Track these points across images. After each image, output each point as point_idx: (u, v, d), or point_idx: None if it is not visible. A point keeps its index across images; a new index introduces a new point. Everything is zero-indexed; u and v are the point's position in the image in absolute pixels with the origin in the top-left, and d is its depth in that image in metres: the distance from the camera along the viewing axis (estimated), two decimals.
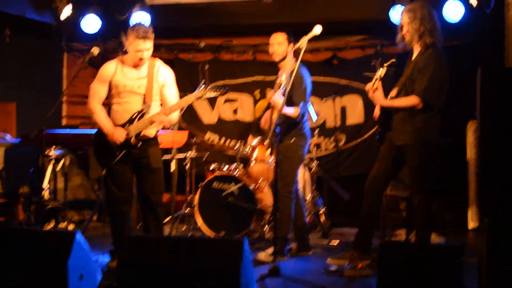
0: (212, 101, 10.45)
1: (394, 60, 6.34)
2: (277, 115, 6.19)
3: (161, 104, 6.44)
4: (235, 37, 10.62)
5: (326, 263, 6.61)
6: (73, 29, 9.96)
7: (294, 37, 7.18)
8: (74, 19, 9.69)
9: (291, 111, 6.84)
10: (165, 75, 6.44)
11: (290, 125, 6.93)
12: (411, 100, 6.17)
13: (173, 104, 6.31)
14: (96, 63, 10.24)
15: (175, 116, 6.48)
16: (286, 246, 7.14)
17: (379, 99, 6.29)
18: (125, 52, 6.41)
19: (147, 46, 6.24)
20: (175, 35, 10.58)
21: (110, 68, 6.37)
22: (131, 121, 6.25)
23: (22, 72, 10.07)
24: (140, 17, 9.29)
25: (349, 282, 5.96)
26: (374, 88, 6.26)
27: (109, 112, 6.40)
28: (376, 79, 6.27)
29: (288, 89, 6.50)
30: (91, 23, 9.65)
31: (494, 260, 4.41)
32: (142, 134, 6.25)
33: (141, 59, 6.25)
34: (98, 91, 6.37)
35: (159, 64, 6.46)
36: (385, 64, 6.28)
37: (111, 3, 9.78)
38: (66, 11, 9.49)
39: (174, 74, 6.55)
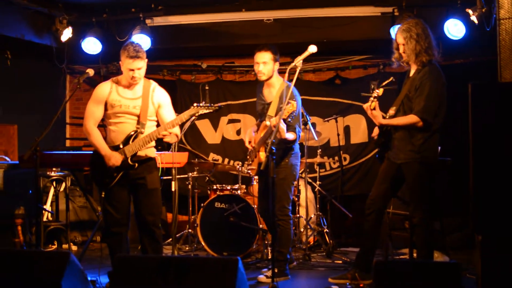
0: (215, 122, 10.48)
1: (391, 79, 6.30)
2: (274, 135, 6.11)
3: (157, 125, 6.39)
4: (237, 58, 10.68)
5: (327, 283, 6.52)
6: (74, 51, 9.99)
7: (279, 55, 7.13)
8: (75, 42, 9.72)
9: (291, 136, 6.79)
10: (160, 96, 6.38)
11: (280, 148, 6.86)
12: (410, 119, 6.11)
13: (166, 123, 6.25)
14: (97, 84, 10.32)
15: (177, 130, 6.41)
16: (287, 266, 7.05)
17: (378, 118, 6.24)
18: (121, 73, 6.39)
19: (139, 65, 6.19)
20: (177, 57, 10.62)
21: (105, 88, 6.33)
22: (126, 141, 6.21)
23: (24, 94, 10.09)
24: (140, 39, 9.29)
25: None
26: (372, 107, 6.21)
27: (103, 133, 6.35)
28: (372, 100, 6.21)
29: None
30: (91, 46, 9.67)
31: (488, 274, 4.35)
32: (138, 154, 6.20)
33: (133, 78, 6.21)
34: (93, 112, 6.33)
35: (154, 85, 6.42)
36: (382, 85, 6.26)
37: (112, 26, 9.82)
38: (67, 34, 9.51)
39: (169, 96, 6.49)
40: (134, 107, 6.24)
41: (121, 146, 6.20)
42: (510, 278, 4.41)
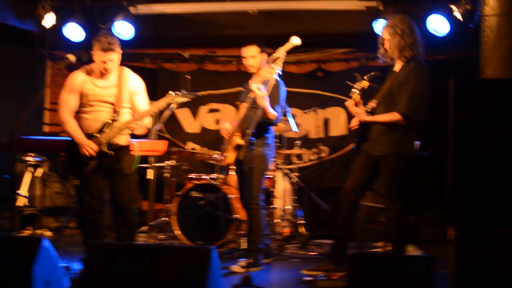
0: (194, 111, 10.45)
1: (376, 72, 6.31)
2: (252, 124, 6.11)
3: (132, 112, 6.37)
4: (219, 48, 10.64)
5: (301, 274, 6.52)
6: (56, 37, 9.90)
7: (265, 46, 7.25)
8: (57, 28, 9.63)
9: (272, 111, 6.80)
10: (134, 83, 6.39)
11: (257, 135, 6.84)
12: (393, 116, 6.10)
13: (143, 110, 6.26)
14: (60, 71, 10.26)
15: (148, 122, 6.43)
16: (260, 256, 7.05)
17: (360, 115, 6.25)
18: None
19: (111, 57, 6.16)
20: (159, 45, 10.57)
21: (78, 77, 6.30)
22: (101, 130, 6.18)
23: (4, 80, 10.00)
24: (123, 27, 9.24)
25: None
26: (355, 100, 6.22)
27: (78, 120, 6.32)
28: (356, 92, 6.22)
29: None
30: (73, 32, 9.59)
31: (461, 269, 4.38)
32: (113, 142, 6.18)
33: (105, 69, 6.19)
34: (68, 101, 6.29)
35: (128, 71, 6.41)
36: (365, 77, 6.25)
37: (95, 12, 9.72)
38: (49, 20, 9.42)
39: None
40: (108, 95, 6.23)
41: (96, 134, 6.17)
42: (484, 274, 4.43)
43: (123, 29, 9.29)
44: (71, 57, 6.58)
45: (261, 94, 6.57)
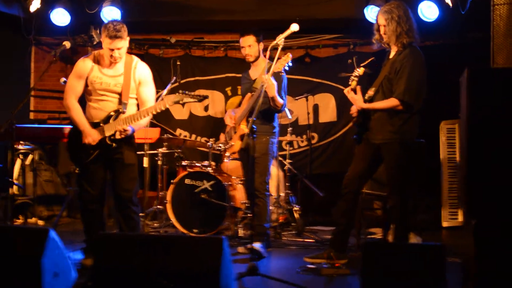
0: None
1: (372, 58, 6.30)
2: (256, 113, 6.10)
3: (137, 103, 6.29)
4: (206, 34, 10.59)
5: (302, 261, 6.52)
6: (42, 22, 9.80)
7: (263, 35, 7.29)
8: (43, 12, 9.52)
9: (280, 99, 6.93)
10: (142, 73, 6.26)
11: (264, 123, 6.96)
12: (391, 102, 6.12)
13: (150, 107, 6.14)
14: (65, 57, 10.16)
15: (146, 121, 6.36)
16: (268, 240, 7.21)
17: (358, 102, 6.25)
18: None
19: (118, 45, 6.03)
20: (146, 31, 10.48)
21: (86, 64, 6.18)
22: (106, 120, 6.10)
23: None
24: (110, 11, 9.15)
25: (328, 281, 5.89)
26: (352, 88, 6.21)
27: (84, 108, 6.23)
28: (353, 79, 6.21)
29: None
30: (60, 17, 9.48)
31: (482, 260, 4.39)
32: (117, 134, 6.10)
33: (113, 57, 6.07)
34: (74, 86, 6.19)
35: (137, 60, 6.28)
36: (362, 65, 6.25)
37: None
38: (35, 4, 9.29)
39: (151, 71, 6.39)
40: (115, 85, 6.13)
41: (101, 124, 6.09)
42: (505, 263, 4.45)
43: (110, 14, 9.19)
44: (67, 44, 6.51)
45: (271, 83, 6.68)
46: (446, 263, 4.49)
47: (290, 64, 6.68)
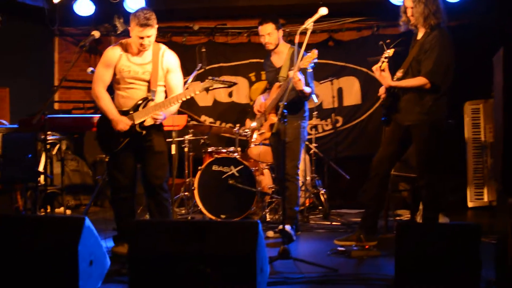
0: None
1: (401, 39, 6.29)
2: (286, 97, 6.12)
3: (165, 90, 6.32)
4: (229, 20, 10.59)
5: (331, 244, 6.56)
6: (66, 13, 9.85)
7: (280, 22, 7.34)
8: (67, 3, 9.57)
9: (308, 89, 6.96)
10: (169, 61, 6.26)
11: (294, 108, 6.97)
12: (419, 81, 6.12)
13: (179, 94, 6.14)
14: (89, 47, 10.20)
15: (175, 107, 6.36)
16: (297, 223, 7.26)
17: (387, 80, 6.25)
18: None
19: (148, 33, 6.03)
20: (169, 18, 10.48)
21: (115, 52, 6.18)
22: (136, 108, 6.12)
23: (15, 57, 9.94)
24: (133, 1, 9.19)
25: (358, 263, 5.92)
26: (382, 68, 6.21)
27: (112, 97, 6.26)
28: (383, 60, 6.21)
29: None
30: (84, 7, 9.54)
31: None
32: (146, 121, 6.13)
33: (142, 45, 6.07)
34: (103, 75, 6.19)
35: (164, 49, 6.28)
36: (391, 45, 6.23)
37: None
38: None
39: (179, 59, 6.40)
40: (143, 73, 6.13)
41: (130, 112, 6.12)
42: None
43: (134, 3, 9.23)
44: (96, 33, 6.49)
45: (298, 80, 6.71)
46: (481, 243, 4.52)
47: (316, 61, 6.67)
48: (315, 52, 6.60)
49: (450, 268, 4.52)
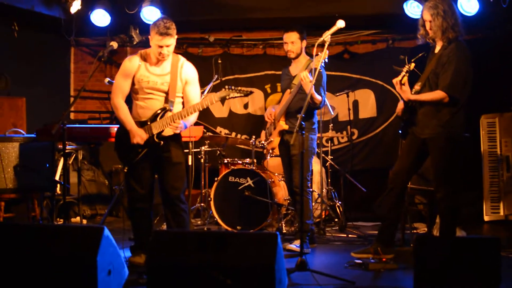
0: None
1: (423, 53, 6.28)
2: (304, 109, 6.13)
3: (183, 101, 6.33)
4: (245, 32, 10.63)
5: (348, 256, 6.57)
6: (82, 23, 9.90)
7: (306, 33, 7.35)
8: (83, 14, 9.62)
9: (318, 96, 6.96)
10: (188, 72, 6.27)
11: (304, 119, 6.94)
12: (437, 95, 6.13)
13: (197, 103, 6.13)
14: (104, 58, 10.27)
15: (194, 117, 6.35)
16: (313, 236, 7.32)
17: (407, 94, 6.25)
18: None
19: (167, 42, 6.04)
20: (184, 29, 10.44)
21: (134, 63, 6.19)
22: (154, 118, 6.13)
23: (31, 67, 10.02)
24: (150, 12, 9.24)
25: (376, 276, 5.91)
26: (402, 82, 6.20)
27: (130, 107, 6.28)
28: (404, 74, 6.20)
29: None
30: (100, 17, 9.58)
31: None
32: (164, 132, 6.14)
33: (161, 54, 6.08)
34: (121, 86, 6.20)
35: (183, 60, 6.30)
36: (413, 60, 6.23)
37: None
38: (76, 5, 9.39)
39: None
40: (162, 83, 6.14)
41: (148, 123, 6.13)
42: None
43: (150, 14, 9.28)
44: (114, 44, 6.51)
45: (308, 81, 6.68)
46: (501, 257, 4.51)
47: (326, 60, 6.67)
48: (326, 52, 6.57)
49: (469, 282, 4.51)
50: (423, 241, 4.70)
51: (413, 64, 6.21)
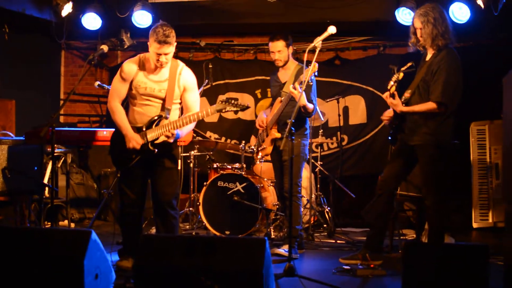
0: (212, 100, 10.34)
1: (411, 63, 6.27)
2: (294, 115, 6.12)
3: (181, 107, 6.28)
4: (236, 37, 10.65)
5: (336, 262, 6.55)
6: (73, 27, 9.89)
7: (291, 39, 7.33)
8: (74, 17, 9.60)
9: (310, 105, 6.97)
10: (187, 79, 6.16)
11: (295, 126, 6.92)
12: (429, 106, 6.11)
13: (192, 114, 6.05)
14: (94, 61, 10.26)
15: (188, 128, 6.24)
16: (301, 241, 7.33)
17: (398, 106, 6.22)
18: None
19: (166, 50, 5.91)
20: (176, 34, 10.45)
21: (132, 68, 6.09)
22: (149, 125, 6.08)
23: (21, 69, 10.00)
24: (141, 16, 9.24)
25: (364, 282, 5.90)
26: (391, 92, 6.19)
27: (127, 111, 6.21)
28: (392, 85, 6.19)
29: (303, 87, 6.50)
30: (91, 21, 9.57)
31: None
32: (159, 139, 6.10)
33: (159, 62, 5.96)
34: (119, 89, 6.12)
35: (182, 66, 6.20)
36: (402, 69, 6.22)
37: (112, 1, 9.67)
38: (67, 8, 9.38)
39: (196, 78, 6.33)
40: (159, 90, 6.06)
41: (143, 129, 6.07)
42: None
43: (142, 18, 9.28)
44: (105, 48, 6.44)
45: (298, 94, 6.61)
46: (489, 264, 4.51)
47: (316, 74, 6.68)
48: (315, 65, 6.56)
49: None
50: (411, 247, 4.70)
51: (402, 74, 6.19)
